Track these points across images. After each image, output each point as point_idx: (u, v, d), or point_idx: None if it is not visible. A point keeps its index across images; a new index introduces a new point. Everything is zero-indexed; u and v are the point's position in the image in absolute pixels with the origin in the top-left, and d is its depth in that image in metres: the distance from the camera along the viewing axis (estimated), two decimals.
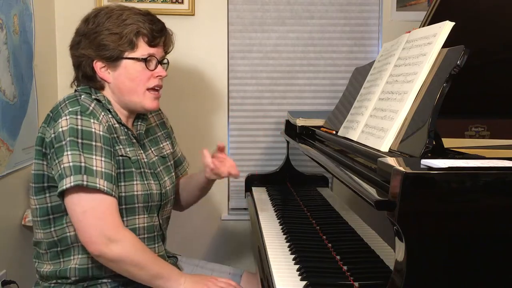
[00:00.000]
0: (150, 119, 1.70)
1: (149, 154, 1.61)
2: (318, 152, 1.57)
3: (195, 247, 2.63)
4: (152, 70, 1.51)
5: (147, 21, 1.50)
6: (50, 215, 1.47)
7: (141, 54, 1.49)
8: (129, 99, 1.52)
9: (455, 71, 1.10)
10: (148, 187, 1.52)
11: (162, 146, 1.69)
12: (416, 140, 1.10)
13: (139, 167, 1.51)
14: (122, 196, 1.45)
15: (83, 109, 1.41)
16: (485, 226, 0.88)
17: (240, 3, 2.54)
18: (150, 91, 1.52)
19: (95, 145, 1.39)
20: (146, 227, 1.51)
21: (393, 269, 0.91)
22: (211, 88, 2.55)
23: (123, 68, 1.49)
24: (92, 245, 1.36)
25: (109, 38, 1.47)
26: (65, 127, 1.38)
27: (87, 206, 1.36)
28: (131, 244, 1.39)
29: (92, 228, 1.36)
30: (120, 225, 1.39)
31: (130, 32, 1.47)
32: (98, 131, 1.40)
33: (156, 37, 1.51)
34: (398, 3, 2.54)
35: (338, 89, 2.51)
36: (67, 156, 1.36)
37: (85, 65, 1.51)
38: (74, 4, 2.42)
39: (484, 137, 1.78)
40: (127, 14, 1.49)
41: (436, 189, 0.86)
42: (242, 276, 1.70)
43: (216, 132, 2.57)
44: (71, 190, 1.36)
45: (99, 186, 1.35)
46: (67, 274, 1.46)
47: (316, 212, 1.73)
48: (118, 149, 1.46)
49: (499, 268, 0.89)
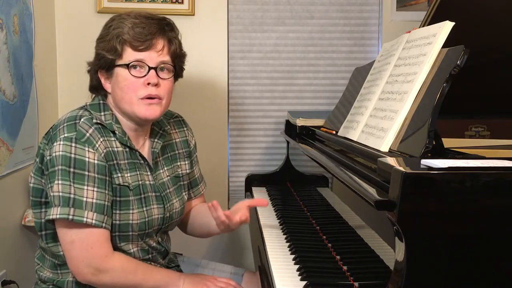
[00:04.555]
0: (173, 135, 1.64)
1: (159, 175, 1.55)
2: (318, 152, 1.57)
3: (196, 247, 2.63)
4: (139, 77, 1.39)
5: (138, 24, 1.40)
6: (43, 231, 1.47)
7: (127, 60, 1.40)
8: (124, 108, 1.43)
9: (455, 71, 1.10)
10: (148, 214, 1.46)
11: (178, 165, 1.62)
12: (416, 140, 1.10)
13: (140, 192, 1.46)
14: (116, 223, 1.41)
15: (78, 136, 1.36)
16: (485, 226, 0.88)
17: (240, 3, 2.54)
18: (143, 100, 1.41)
19: (88, 175, 1.35)
20: (141, 253, 1.48)
21: (393, 269, 0.91)
22: (211, 88, 2.55)
23: (115, 77, 1.43)
24: (80, 275, 1.36)
25: (100, 46, 1.44)
26: (57, 153, 1.35)
27: (75, 237, 1.35)
28: (121, 270, 1.38)
29: (80, 259, 1.35)
30: (109, 254, 1.37)
31: (112, 37, 1.40)
32: (92, 159, 1.36)
33: (142, 41, 1.39)
34: (398, 3, 2.54)
35: (338, 89, 2.51)
36: (58, 185, 1.34)
37: (92, 75, 1.50)
38: (74, 4, 2.42)
39: (484, 137, 1.78)
40: (118, 19, 1.43)
41: (436, 189, 0.86)
42: (243, 276, 1.70)
43: (216, 132, 2.57)
44: (59, 220, 1.35)
45: (86, 220, 1.32)
46: (64, 286, 1.46)
47: (316, 212, 1.73)
48: (116, 177, 1.41)
49: (499, 268, 0.89)
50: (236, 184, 2.60)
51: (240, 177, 2.56)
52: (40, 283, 1.52)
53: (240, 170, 2.60)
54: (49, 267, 1.49)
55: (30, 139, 2.04)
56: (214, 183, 2.57)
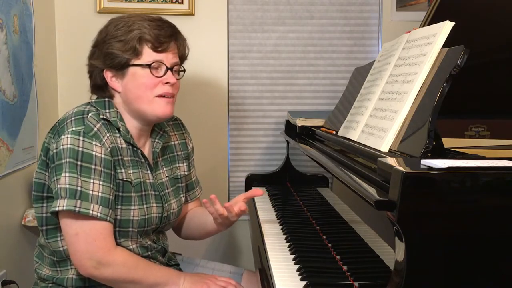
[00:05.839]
0: (172, 137, 1.67)
1: (159, 175, 1.58)
2: (318, 152, 1.57)
3: (196, 247, 2.63)
4: (159, 77, 1.46)
5: (154, 26, 1.46)
6: (44, 226, 1.48)
7: (147, 60, 1.45)
8: (138, 107, 1.47)
9: (455, 71, 1.10)
10: (147, 211, 1.49)
11: (177, 166, 1.65)
12: (416, 140, 1.10)
13: (141, 190, 1.48)
14: (117, 219, 1.43)
15: (86, 130, 1.39)
16: (485, 226, 0.88)
17: (240, 3, 2.54)
18: (160, 98, 1.47)
19: (95, 168, 1.37)
20: (140, 248, 1.50)
21: (393, 269, 0.91)
22: (211, 88, 2.55)
23: (130, 76, 1.46)
24: (82, 268, 1.37)
25: (115, 46, 1.45)
26: (65, 146, 1.37)
27: (79, 229, 1.36)
28: (123, 265, 1.39)
29: (83, 252, 1.36)
30: (112, 248, 1.39)
31: (133, 38, 1.44)
32: (99, 153, 1.38)
33: (162, 43, 1.46)
34: (398, 3, 2.54)
35: (338, 89, 2.51)
36: (65, 177, 1.35)
37: (96, 75, 1.50)
38: (74, 4, 2.42)
39: (484, 137, 1.78)
40: (133, 20, 1.47)
41: (436, 189, 0.86)
42: (243, 275, 1.71)
43: (216, 132, 2.57)
44: (64, 213, 1.36)
45: (92, 212, 1.34)
46: (64, 283, 1.47)
47: (316, 212, 1.73)
48: (120, 172, 1.44)
49: (499, 268, 0.89)
50: (236, 184, 2.60)
51: (240, 177, 2.56)
52: (39, 282, 1.52)
53: (240, 170, 2.60)
54: (48, 265, 1.50)
55: (30, 139, 2.04)
56: (214, 183, 2.57)
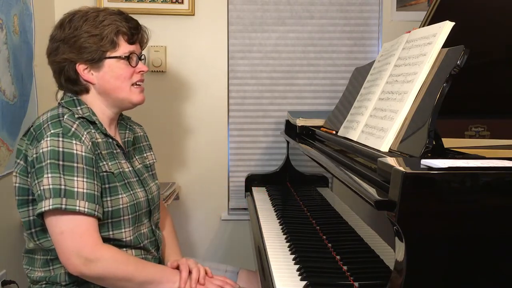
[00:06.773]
0: (137, 129, 1.73)
1: (134, 162, 1.62)
2: (318, 152, 1.57)
3: (195, 247, 2.63)
4: (134, 67, 1.55)
5: (123, 19, 1.53)
6: (32, 228, 1.47)
7: (123, 52, 1.52)
8: (116, 97, 1.54)
9: (455, 71, 1.10)
10: (135, 197, 1.51)
11: (145, 156, 1.71)
12: (416, 140, 1.10)
13: (122, 178, 1.51)
14: (108, 211, 1.44)
15: (65, 131, 1.40)
16: (485, 226, 0.88)
17: (240, 3, 2.54)
18: (135, 86, 1.56)
19: (77, 166, 1.38)
20: (132, 239, 1.50)
21: (393, 269, 0.91)
22: (211, 88, 2.55)
23: (107, 68, 1.51)
24: (71, 266, 1.36)
25: (89, 40, 1.48)
26: (45, 149, 1.37)
27: (65, 227, 1.36)
28: (112, 260, 1.38)
29: (70, 250, 1.35)
30: (99, 244, 1.38)
31: (110, 32, 1.50)
32: (80, 152, 1.40)
33: (134, 34, 1.55)
34: (398, 3, 2.54)
35: (338, 89, 2.51)
36: (47, 178, 1.35)
37: (68, 69, 1.50)
38: (74, 4, 2.40)
39: (484, 137, 1.78)
40: (103, 15, 1.52)
41: (436, 189, 0.86)
42: (238, 274, 1.71)
43: (216, 132, 2.57)
44: (49, 212, 1.36)
45: (79, 208, 1.35)
46: (57, 280, 1.47)
47: (316, 212, 1.73)
48: (102, 165, 1.45)
49: (499, 268, 0.89)
50: (236, 184, 2.60)
51: (240, 177, 2.56)
52: (32, 285, 1.51)
53: (240, 170, 2.60)
54: (41, 266, 1.49)
55: None
56: (214, 183, 2.58)
